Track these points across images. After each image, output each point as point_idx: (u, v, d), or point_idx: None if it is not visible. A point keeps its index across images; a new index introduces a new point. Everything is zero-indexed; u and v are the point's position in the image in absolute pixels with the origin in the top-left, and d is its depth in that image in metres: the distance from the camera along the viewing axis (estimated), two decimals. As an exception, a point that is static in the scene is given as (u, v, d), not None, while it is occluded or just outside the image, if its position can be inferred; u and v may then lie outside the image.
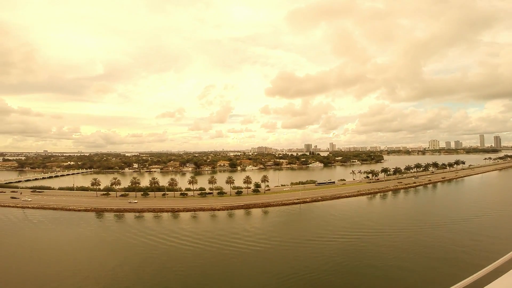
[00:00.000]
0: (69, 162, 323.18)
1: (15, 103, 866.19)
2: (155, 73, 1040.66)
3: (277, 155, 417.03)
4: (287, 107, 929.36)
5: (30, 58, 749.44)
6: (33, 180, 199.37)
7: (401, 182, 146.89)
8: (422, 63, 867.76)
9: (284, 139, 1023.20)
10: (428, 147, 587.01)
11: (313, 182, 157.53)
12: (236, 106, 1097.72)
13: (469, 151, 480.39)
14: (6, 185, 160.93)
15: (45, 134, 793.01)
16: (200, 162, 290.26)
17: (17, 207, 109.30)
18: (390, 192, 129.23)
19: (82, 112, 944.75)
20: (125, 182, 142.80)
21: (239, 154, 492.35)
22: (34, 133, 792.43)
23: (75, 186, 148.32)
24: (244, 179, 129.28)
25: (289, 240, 67.77)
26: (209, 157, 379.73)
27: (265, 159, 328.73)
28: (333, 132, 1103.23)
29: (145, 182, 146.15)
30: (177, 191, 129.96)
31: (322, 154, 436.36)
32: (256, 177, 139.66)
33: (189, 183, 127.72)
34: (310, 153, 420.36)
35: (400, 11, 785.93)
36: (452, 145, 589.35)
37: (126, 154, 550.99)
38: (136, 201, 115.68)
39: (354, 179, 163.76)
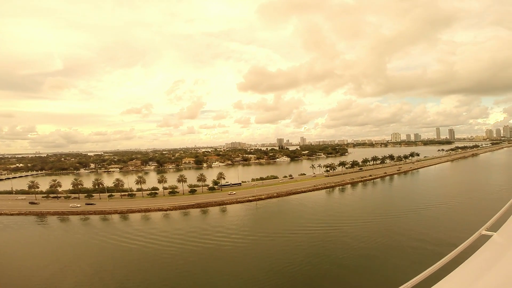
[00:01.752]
0: (17, 165, 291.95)
1: None
2: (120, 68, 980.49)
3: (248, 150, 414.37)
4: (260, 102, 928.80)
5: None
6: None
7: (355, 175, 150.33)
8: (387, 60, 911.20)
9: (258, 134, 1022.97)
10: (391, 140, 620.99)
11: (275, 177, 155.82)
12: (208, 101, 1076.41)
13: (427, 143, 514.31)
14: None
15: None
16: (163, 160, 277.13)
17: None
18: (347, 186, 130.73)
19: (38, 110, 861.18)
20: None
21: (209, 150, 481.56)
22: None
23: (14, 190, 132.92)
24: (197, 176, 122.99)
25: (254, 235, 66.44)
26: (176, 154, 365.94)
27: (234, 155, 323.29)
28: (304, 127, 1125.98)
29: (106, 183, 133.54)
30: (124, 191, 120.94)
31: (292, 148, 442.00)
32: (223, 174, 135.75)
33: (137, 183, 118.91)
34: (279, 148, 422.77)
35: (368, 7, 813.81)
36: (412, 138, 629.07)
37: (89, 154, 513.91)
38: (79, 205, 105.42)
39: (314, 173, 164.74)
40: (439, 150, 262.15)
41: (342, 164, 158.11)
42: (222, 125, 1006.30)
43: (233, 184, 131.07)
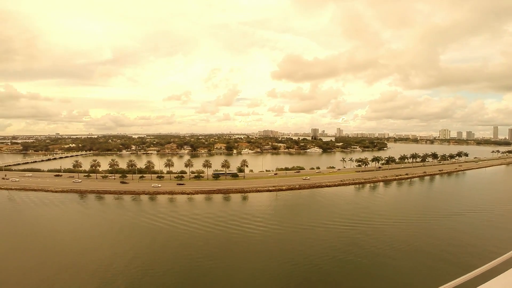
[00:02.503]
0: (70, 145, 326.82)
1: (23, 89, 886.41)
2: (163, 57, 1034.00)
3: (279, 139, 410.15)
4: (295, 91, 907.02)
5: (31, 45, 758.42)
6: (31, 162, 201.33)
7: (389, 173, 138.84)
8: (440, 51, 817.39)
9: (292, 123, 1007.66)
10: (438, 137, 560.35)
11: (301, 168, 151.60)
12: (243, 89, 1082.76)
13: (480, 142, 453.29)
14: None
15: (55, 118, 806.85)
16: (196, 144, 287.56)
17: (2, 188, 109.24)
18: (379, 183, 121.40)
19: (91, 96, 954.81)
20: (122, 164, 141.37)
21: (242, 137, 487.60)
22: (45, 117, 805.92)
23: (62, 168, 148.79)
24: (222, 163, 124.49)
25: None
26: (210, 140, 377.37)
27: (264, 142, 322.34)
28: (342, 118, 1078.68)
29: (140, 164, 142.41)
30: (155, 173, 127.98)
31: (327, 139, 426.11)
32: (249, 161, 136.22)
33: (166, 165, 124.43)
34: (313, 138, 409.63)
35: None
36: (464, 136, 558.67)
37: (133, 136, 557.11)
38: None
39: (344, 167, 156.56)
40: (493, 152, 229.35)
41: (376, 159, 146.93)
42: (256, 112, 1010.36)
43: (227, 173, 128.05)
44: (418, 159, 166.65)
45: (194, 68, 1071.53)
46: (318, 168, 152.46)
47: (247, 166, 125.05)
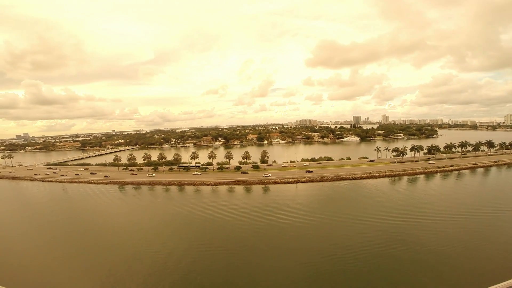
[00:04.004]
0: (119, 141, 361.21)
1: (80, 91, 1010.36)
2: (199, 53, 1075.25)
3: (316, 128, 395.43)
4: (332, 78, 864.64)
5: (79, 49, 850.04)
6: (86, 158, 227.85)
7: (430, 164, 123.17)
8: (501, 30, 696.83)
9: (333, 111, 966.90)
10: (503, 122, 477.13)
11: (330, 159, 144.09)
12: (277, 79, 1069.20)
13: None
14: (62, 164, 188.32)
15: (110, 116, 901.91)
16: (229, 136, 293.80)
17: (55, 181, 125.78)
18: (419, 176, 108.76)
19: (139, 94, 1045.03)
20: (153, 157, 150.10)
21: (276, 127, 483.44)
22: (101, 116, 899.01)
23: (107, 162, 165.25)
24: (243, 154, 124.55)
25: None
26: (247, 130, 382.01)
27: (297, 132, 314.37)
28: (389, 104, 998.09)
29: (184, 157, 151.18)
30: (183, 164, 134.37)
31: (371, 126, 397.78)
32: (277, 152, 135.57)
33: (191, 158, 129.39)
34: (352, 126, 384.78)
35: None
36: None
37: (177, 130, 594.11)
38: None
39: (379, 157, 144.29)
40: None
41: (415, 149, 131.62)
42: (292, 102, 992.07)
43: (195, 166, 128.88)
44: (470, 148, 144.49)
45: (228, 61, 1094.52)
46: (348, 158, 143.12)
47: (267, 157, 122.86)
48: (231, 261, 45.45)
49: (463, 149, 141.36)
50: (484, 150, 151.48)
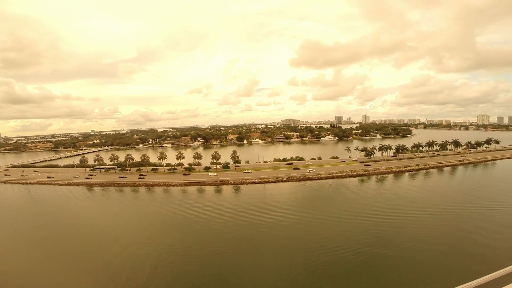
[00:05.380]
0: (93, 141, 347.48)
1: (56, 90, 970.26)
2: (183, 52, 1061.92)
3: (298, 128, 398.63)
4: (316, 78, 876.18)
5: (55, 47, 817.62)
6: (57, 159, 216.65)
7: (396, 164, 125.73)
8: (477, 32, 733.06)
9: (316, 111, 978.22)
10: (476, 122, 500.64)
11: (301, 159, 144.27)
12: (263, 79, 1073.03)
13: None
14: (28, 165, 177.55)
15: (89, 116, 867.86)
16: (208, 136, 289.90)
17: (16, 183, 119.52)
18: (383, 176, 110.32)
19: (120, 93, 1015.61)
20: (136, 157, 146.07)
21: (260, 127, 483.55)
22: (80, 115, 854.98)
23: (75, 164, 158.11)
24: (212, 154, 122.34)
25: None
26: (230, 130, 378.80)
27: (277, 132, 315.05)
28: (370, 104, 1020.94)
29: (153, 158, 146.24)
30: (152, 166, 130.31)
31: (353, 126, 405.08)
32: (254, 152, 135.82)
33: (158, 158, 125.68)
34: (332, 126, 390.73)
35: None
36: (505, 121, 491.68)
37: (159, 130, 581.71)
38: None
39: (350, 157, 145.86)
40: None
41: (384, 148, 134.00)
42: (277, 102, 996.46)
43: (108, 168, 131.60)
44: (437, 147, 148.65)
45: (214, 60, 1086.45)
46: (319, 158, 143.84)
47: (237, 157, 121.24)
48: (220, 262, 45.29)
49: (430, 148, 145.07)
50: (451, 149, 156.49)
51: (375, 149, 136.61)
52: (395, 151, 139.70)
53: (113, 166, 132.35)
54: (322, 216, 65.61)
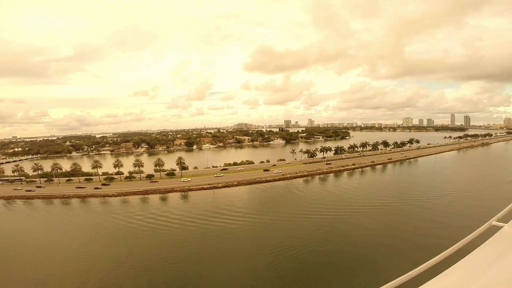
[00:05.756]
0: (14, 149, 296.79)
1: None
2: (130, 51, 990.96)
3: (250, 132, 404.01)
4: (268, 83, 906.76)
5: None
6: None
7: (335, 163, 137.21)
8: (406, 42, 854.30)
9: (267, 115, 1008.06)
10: (402, 124, 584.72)
11: (251, 162, 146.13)
12: (216, 83, 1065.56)
13: (438, 129, 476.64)
14: None
15: (10, 120, 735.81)
16: (153, 142, 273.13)
17: None
18: (325, 175, 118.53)
19: (50, 95, 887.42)
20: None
21: (212, 131, 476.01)
22: None
23: None
24: (155, 161, 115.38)
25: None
26: (179, 135, 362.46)
27: (229, 136, 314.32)
28: (315, 109, 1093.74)
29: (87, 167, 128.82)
30: (86, 175, 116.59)
31: (299, 129, 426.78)
32: (204, 157, 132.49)
33: (92, 167, 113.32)
34: (281, 129, 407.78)
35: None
36: (425, 123, 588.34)
37: (96, 136, 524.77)
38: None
39: (295, 159, 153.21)
40: (445, 137, 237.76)
41: (324, 150, 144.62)
42: (230, 106, 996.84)
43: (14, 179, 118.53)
44: (369, 148, 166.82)
45: (163, 62, 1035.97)
46: (268, 161, 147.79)
47: (184, 163, 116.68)
48: (174, 273, 43.07)
49: (363, 148, 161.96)
50: (381, 149, 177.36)
51: (317, 150, 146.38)
52: (334, 152, 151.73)
53: (19, 178, 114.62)
54: (275, 217, 67.47)
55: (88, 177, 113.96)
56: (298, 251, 48.54)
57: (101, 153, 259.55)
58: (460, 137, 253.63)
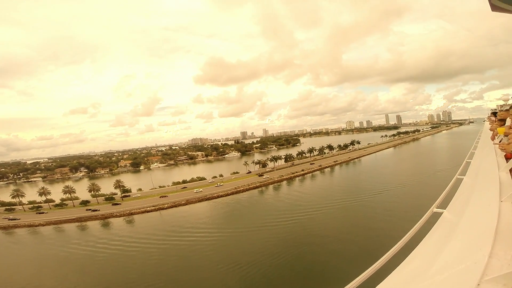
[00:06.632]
0: None
1: None
2: (65, 66, 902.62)
3: (205, 146, 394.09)
4: (221, 95, 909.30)
5: None
6: None
7: (286, 171, 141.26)
8: (343, 50, 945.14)
9: (224, 128, 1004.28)
10: (345, 127, 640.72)
11: (203, 179, 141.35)
12: (165, 97, 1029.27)
13: (376, 129, 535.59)
14: None
15: None
16: (93, 165, 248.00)
17: None
18: (278, 184, 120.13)
19: None
20: None
21: (163, 149, 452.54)
22: None
23: None
24: (89, 186, 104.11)
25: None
26: (125, 156, 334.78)
27: (181, 152, 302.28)
28: (268, 118, 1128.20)
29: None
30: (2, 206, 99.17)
31: (253, 140, 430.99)
32: (152, 178, 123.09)
33: (12, 197, 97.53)
34: (236, 142, 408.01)
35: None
36: (365, 125, 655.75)
37: (27, 162, 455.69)
38: None
39: (250, 171, 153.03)
40: (382, 137, 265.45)
41: (274, 159, 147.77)
42: (183, 121, 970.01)
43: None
44: (316, 152, 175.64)
45: (105, 76, 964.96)
46: (221, 175, 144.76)
47: (124, 186, 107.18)
48: None
49: (310, 154, 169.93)
50: (328, 153, 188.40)
51: (268, 160, 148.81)
52: (284, 160, 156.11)
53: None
54: (240, 230, 66.20)
55: (9, 207, 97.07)
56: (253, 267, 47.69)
57: (30, 181, 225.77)
58: (394, 135, 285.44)
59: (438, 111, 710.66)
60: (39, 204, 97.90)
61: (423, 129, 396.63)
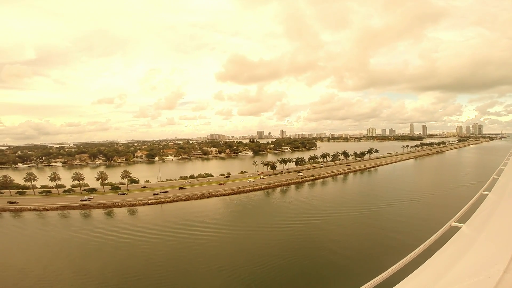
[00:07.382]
0: None
1: None
2: (97, 57, 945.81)
3: (221, 143, 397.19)
4: (242, 93, 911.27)
5: None
6: None
7: (294, 175, 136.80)
8: (371, 54, 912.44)
9: (242, 126, 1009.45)
10: (367, 134, 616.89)
11: (210, 175, 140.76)
12: (188, 92, 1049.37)
13: (399, 138, 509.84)
14: None
15: None
16: (111, 154, 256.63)
17: None
18: (286, 187, 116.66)
19: (5, 100, 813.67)
20: None
21: (181, 142, 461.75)
22: None
23: None
24: (97, 174, 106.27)
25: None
26: (143, 146, 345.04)
27: (195, 147, 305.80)
28: (287, 120, 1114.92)
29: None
30: (15, 188, 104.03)
31: (269, 140, 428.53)
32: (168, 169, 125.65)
33: (25, 180, 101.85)
34: (251, 141, 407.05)
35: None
36: (387, 133, 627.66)
37: (54, 146, 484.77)
38: None
39: (257, 171, 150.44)
40: (403, 147, 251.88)
41: (284, 161, 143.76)
42: (203, 116, 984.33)
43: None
44: (329, 158, 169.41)
45: (132, 69, 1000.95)
46: (228, 174, 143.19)
47: (130, 177, 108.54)
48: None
49: (323, 159, 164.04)
50: (343, 159, 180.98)
51: (278, 162, 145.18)
52: (295, 163, 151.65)
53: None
54: (248, 229, 65.92)
55: (21, 190, 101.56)
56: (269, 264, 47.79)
57: (51, 165, 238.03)
58: (416, 146, 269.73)
59: (468, 123, 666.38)
60: (49, 189, 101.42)
61: (449, 141, 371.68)
